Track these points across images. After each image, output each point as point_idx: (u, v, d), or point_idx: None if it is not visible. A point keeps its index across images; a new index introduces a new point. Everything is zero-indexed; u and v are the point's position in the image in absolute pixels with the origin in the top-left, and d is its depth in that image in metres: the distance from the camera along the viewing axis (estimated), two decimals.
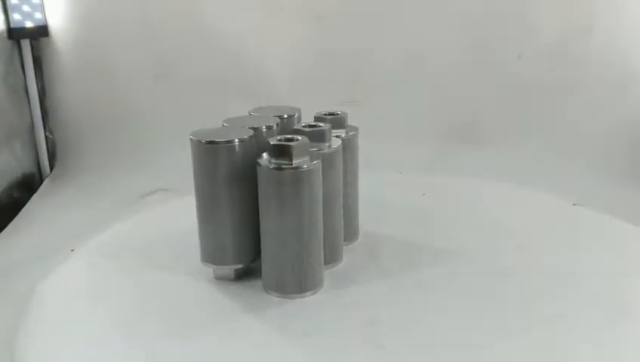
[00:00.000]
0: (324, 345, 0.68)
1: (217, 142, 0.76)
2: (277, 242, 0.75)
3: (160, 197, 1.50)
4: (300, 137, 0.76)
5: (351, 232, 0.89)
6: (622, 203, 1.41)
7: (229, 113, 1.92)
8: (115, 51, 1.80)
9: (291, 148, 0.73)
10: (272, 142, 0.75)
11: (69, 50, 1.76)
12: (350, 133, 0.86)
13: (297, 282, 0.76)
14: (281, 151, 0.73)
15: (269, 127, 0.82)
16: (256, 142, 0.80)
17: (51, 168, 1.76)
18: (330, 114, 0.86)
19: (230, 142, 0.76)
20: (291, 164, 0.72)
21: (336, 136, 0.83)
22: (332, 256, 0.82)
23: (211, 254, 0.81)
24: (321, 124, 0.80)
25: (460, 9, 1.82)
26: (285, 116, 0.87)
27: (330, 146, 0.79)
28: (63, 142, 1.79)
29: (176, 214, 1.08)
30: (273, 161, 0.73)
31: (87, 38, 1.77)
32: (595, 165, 1.71)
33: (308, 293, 0.78)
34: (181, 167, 1.72)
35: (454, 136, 1.79)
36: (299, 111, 0.93)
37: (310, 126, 0.83)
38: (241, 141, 0.77)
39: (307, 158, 0.74)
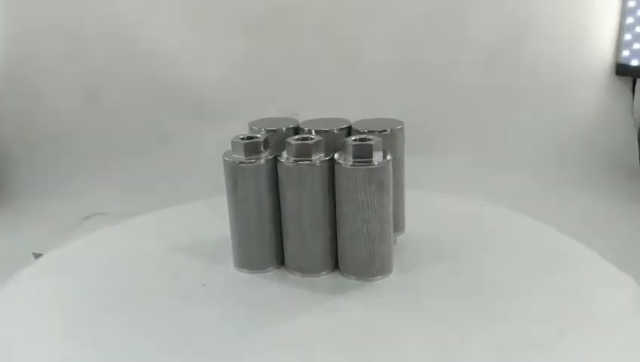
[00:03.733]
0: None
1: None
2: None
3: (98, 221, 1.45)
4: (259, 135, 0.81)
5: (382, 267, 0.79)
6: (551, 207, 1.46)
7: (163, 131, 1.91)
8: (42, 73, 1.74)
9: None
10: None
11: None
12: (377, 163, 0.75)
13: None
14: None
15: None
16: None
17: None
18: (362, 140, 0.76)
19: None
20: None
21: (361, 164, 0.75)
22: (315, 268, 0.81)
23: None
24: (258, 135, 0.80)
25: (397, 18, 1.85)
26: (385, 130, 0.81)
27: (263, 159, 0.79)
28: None
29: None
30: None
31: (12, 60, 1.70)
32: (524, 170, 1.77)
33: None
34: (117, 190, 1.71)
35: None
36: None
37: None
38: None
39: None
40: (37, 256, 1.31)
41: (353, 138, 0.76)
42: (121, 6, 1.75)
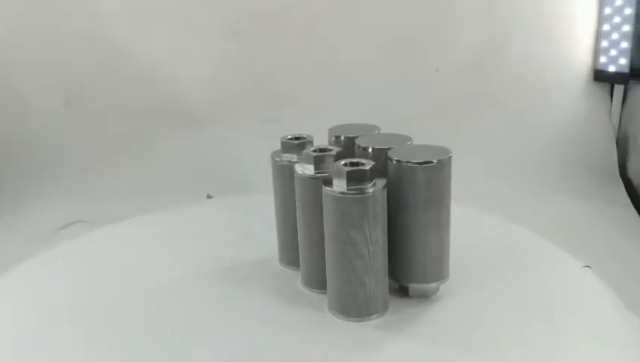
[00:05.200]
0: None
1: None
2: None
3: (78, 228, 1.44)
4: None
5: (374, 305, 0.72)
6: (528, 211, 1.47)
7: (146, 137, 1.90)
8: (21, 77, 1.72)
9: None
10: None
11: None
12: (370, 191, 0.67)
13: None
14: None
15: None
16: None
17: None
18: (352, 164, 0.68)
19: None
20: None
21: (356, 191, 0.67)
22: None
23: None
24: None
25: (380, 24, 1.86)
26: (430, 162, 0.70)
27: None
28: None
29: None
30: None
31: None
32: (502, 175, 1.78)
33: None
34: (96, 197, 1.69)
35: None
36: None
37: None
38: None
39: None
40: (209, 196, 1.32)
41: (343, 162, 0.69)
42: (107, 10, 1.75)
